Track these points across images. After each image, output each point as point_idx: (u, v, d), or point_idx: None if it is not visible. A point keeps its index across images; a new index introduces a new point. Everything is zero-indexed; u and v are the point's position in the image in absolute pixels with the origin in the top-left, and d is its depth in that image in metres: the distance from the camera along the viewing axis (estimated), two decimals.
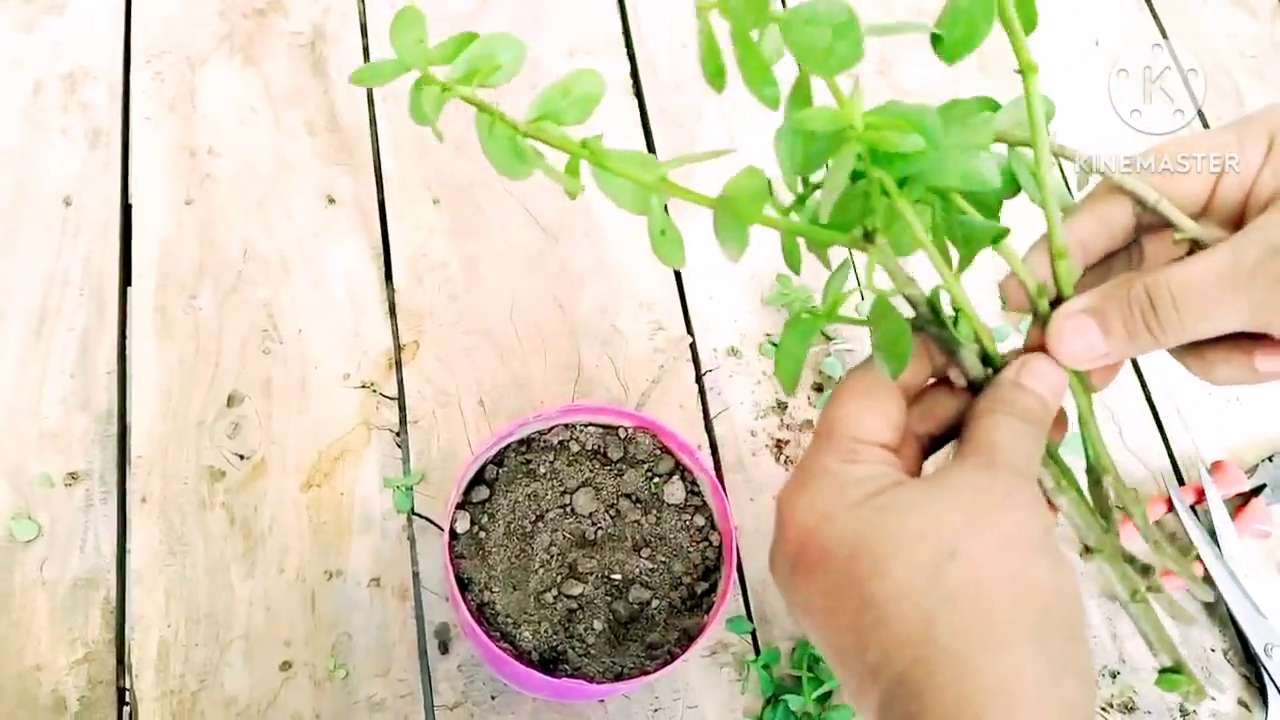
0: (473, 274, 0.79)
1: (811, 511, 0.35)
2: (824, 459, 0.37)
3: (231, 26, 0.87)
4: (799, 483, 0.37)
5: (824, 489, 0.36)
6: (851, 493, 0.35)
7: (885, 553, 0.33)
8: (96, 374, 0.72)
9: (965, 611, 0.32)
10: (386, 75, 0.38)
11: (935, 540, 0.33)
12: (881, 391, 0.38)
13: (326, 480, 0.70)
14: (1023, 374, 0.37)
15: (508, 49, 0.38)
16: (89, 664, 0.64)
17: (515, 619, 0.59)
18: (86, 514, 0.68)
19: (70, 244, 0.77)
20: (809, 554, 0.35)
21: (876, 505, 0.34)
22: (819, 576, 0.34)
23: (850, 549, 0.34)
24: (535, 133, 0.37)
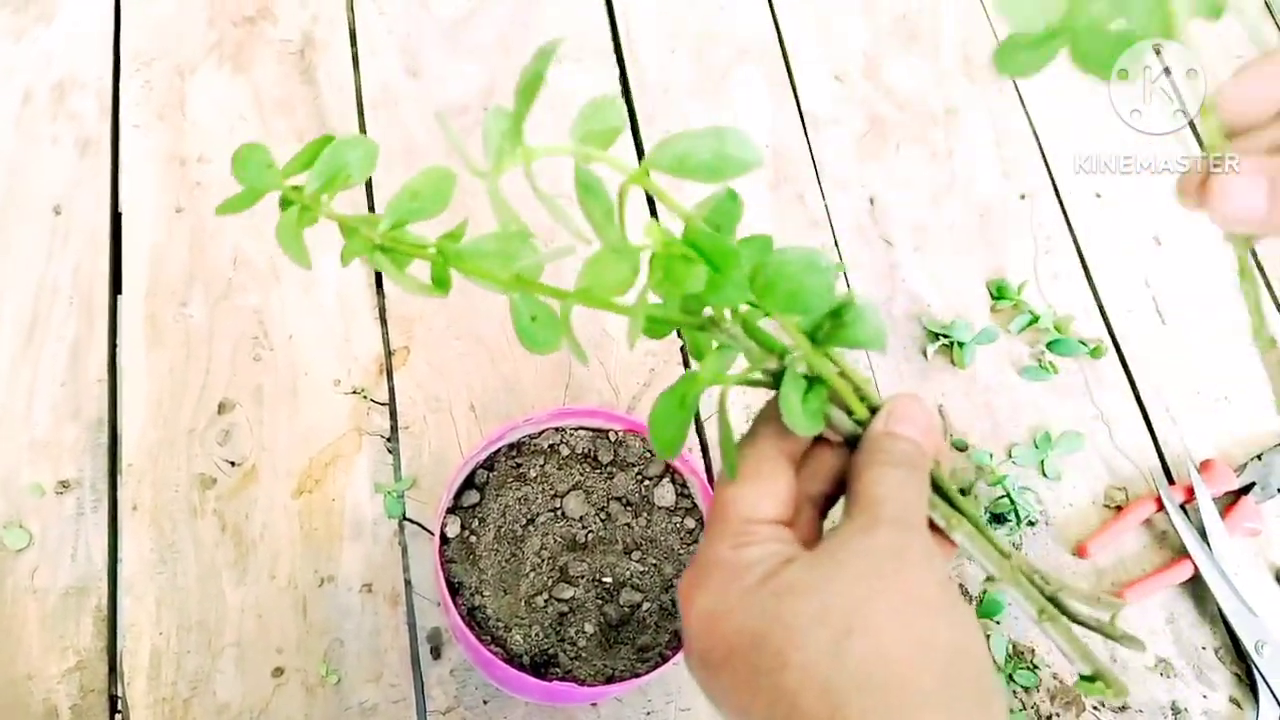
0: (462, 279, 0.79)
1: (710, 606, 0.35)
2: (717, 547, 0.36)
3: (221, 35, 0.87)
4: (695, 576, 0.36)
5: (718, 580, 0.35)
6: (746, 579, 0.34)
7: (785, 642, 0.32)
8: (87, 382, 0.72)
9: (871, 689, 0.31)
10: (244, 204, 0.38)
11: (831, 620, 0.32)
12: (768, 469, 0.37)
13: (318, 486, 0.70)
14: (890, 422, 0.37)
15: (355, 150, 0.39)
16: (81, 672, 0.64)
17: (506, 623, 0.59)
18: (78, 522, 0.68)
19: (60, 252, 0.77)
20: (714, 651, 0.34)
21: (771, 590, 0.34)
22: (726, 672, 0.34)
23: (751, 640, 0.33)
24: (390, 243, 0.37)
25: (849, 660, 0.31)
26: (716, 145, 0.34)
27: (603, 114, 0.36)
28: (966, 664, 0.32)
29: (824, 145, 0.87)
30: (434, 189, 0.38)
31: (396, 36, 0.88)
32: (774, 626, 0.33)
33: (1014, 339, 0.80)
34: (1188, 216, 0.90)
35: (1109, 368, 0.80)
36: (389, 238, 0.37)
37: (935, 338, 0.79)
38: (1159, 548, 0.74)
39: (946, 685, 0.31)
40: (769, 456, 0.37)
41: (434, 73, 0.87)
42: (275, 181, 0.38)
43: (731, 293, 0.35)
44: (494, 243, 0.37)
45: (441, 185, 0.38)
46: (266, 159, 0.38)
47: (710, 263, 0.34)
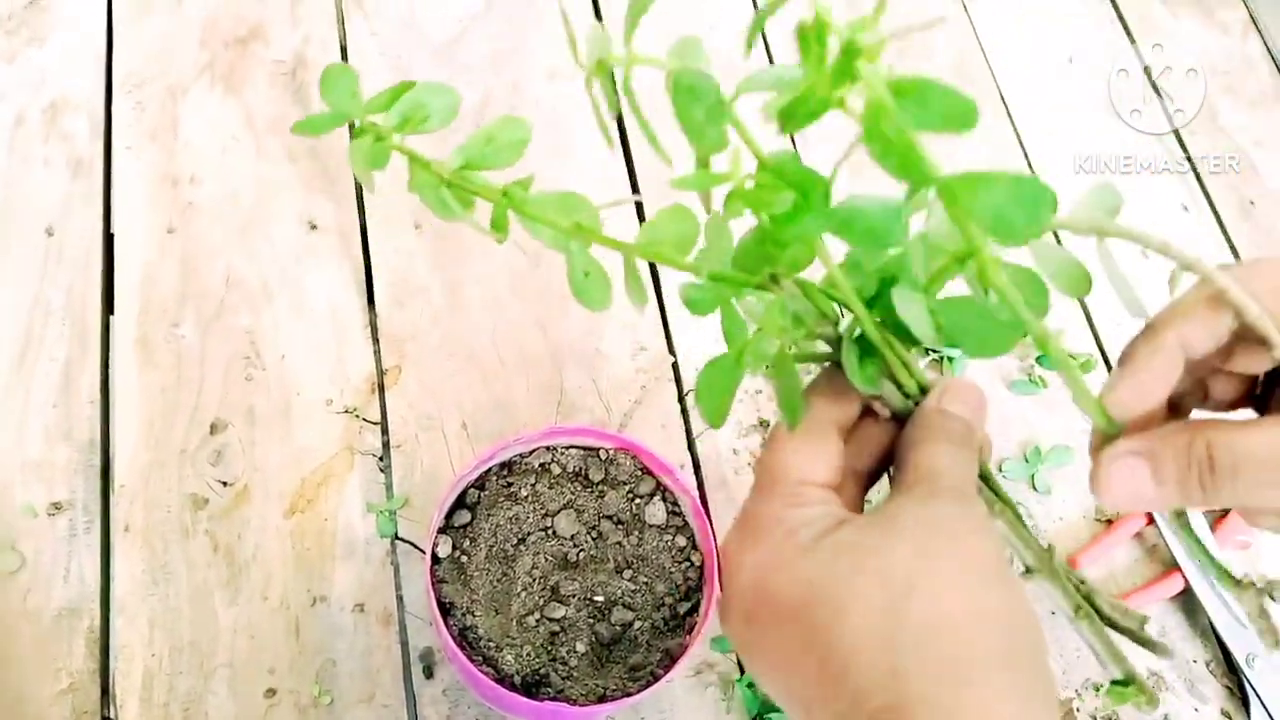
0: (455, 298, 0.79)
1: (761, 562, 0.35)
2: (768, 505, 0.36)
3: (212, 55, 0.88)
4: (744, 533, 0.36)
5: (771, 537, 0.35)
6: (800, 536, 0.34)
7: (842, 597, 0.32)
8: (79, 404, 0.73)
9: (931, 649, 0.31)
10: (324, 126, 0.38)
11: (891, 577, 0.32)
12: (819, 432, 0.37)
13: (310, 506, 0.70)
14: (944, 399, 0.37)
15: (440, 97, 0.39)
16: (73, 694, 0.64)
17: (498, 643, 0.59)
18: (70, 544, 0.68)
19: (52, 274, 0.77)
20: (763, 607, 0.34)
21: (827, 547, 0.34)
22: (775, 629, 0.34)
23: (805, 597, 0.33)
24: (458, 181, 0.37)
25: (909, 619, 0.31)
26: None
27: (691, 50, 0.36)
28: (1024, 633, 0.32)
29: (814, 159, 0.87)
30: (509, 136, 0.38)
31: (388, 57, 0.89)
32: (832, 582, 0.33)
33: None
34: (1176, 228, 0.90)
35: (1099, 381, 0.80)
36: (457, 175, 0.37)
37: (925, 352, 0.79)
38: (1150, 561, 0.74)
39: (1008, 649, 0.32)
40: (819, 422, 0.37)
41: None
42: (358, 109, 0.38)
43: (813, 223, 0.33)
44: (556, 198, 0.38)
45: (517, 134, 0.38)
46: (354, 86, 0.38)
47: (797, 188, 0.33)
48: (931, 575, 0.32)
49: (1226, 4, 1.01)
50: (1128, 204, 0.92)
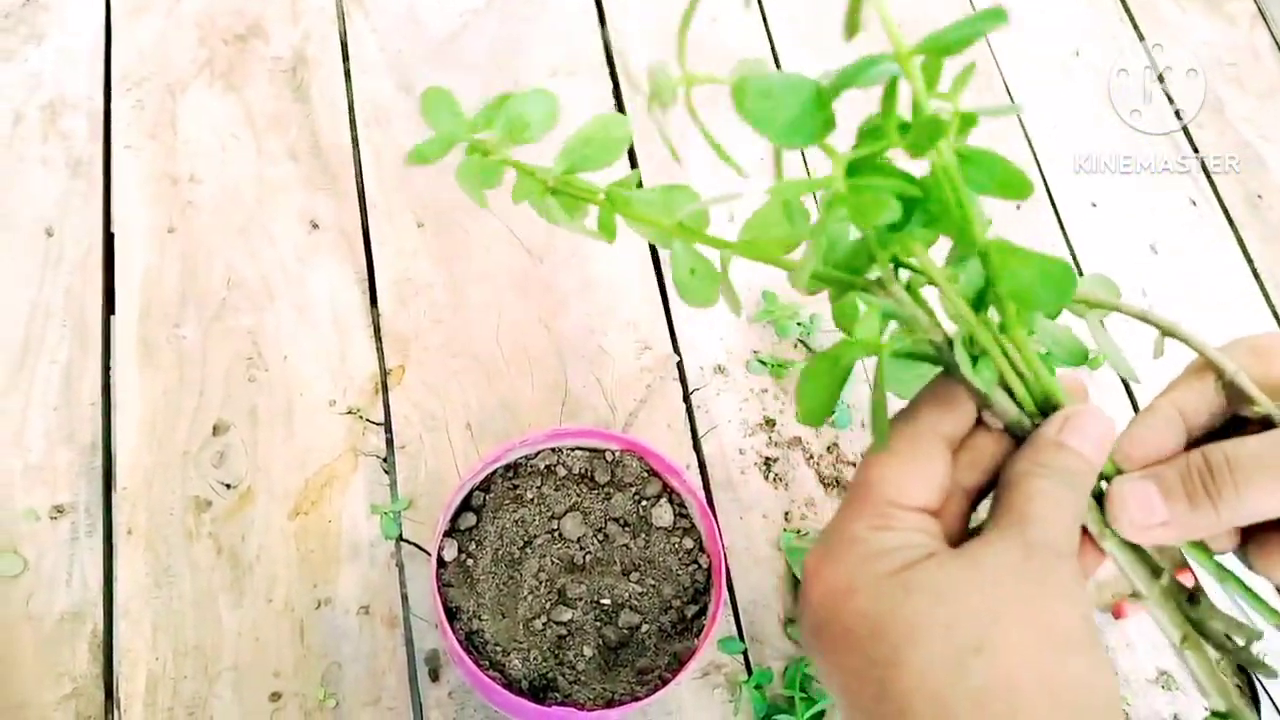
0: (458, 297, 0.78)
1: (835, 582, 0.33)
2: (854, 524, 0.34)
3: (212, 53, 0.87)
4: (825, 549, 0.35)
5: (850, 559, 0.34)
6: (879, 565, 0.33)
7: (906, 639, 0.31)
8: (80, 406, 0.72)
9: (991, 713, 0.30)
10: (436, 152, 0.37)
11: (961, 631, 0.31)
12: (925, 449, 0.35)
13: (314, 508, 0.70)
14: (1065, 431, 0.35)
15: (538, 105, 0.38)
16: (77, 699, 0.64)
17: (504, 647, 0.58)
18: (72, 547, 0.68)
19: (52, 275, 0.76)
20: (831, 627, 0.33)
21: (902, 583, 0.32)
22: (840, 652, 0.33)
23: (871, 628, 0.32)
24: (563, 187, 0.37)
25: (971, 678, 0.30)
26: None
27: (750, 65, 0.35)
28: (1092, 705, 0.31)
29: (818, 156, 0.87)
30: (606, 136, 0.37)
31: (388, 53, 0.88)
32: (898, 621, 0.32)
33: None
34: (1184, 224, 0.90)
35: (1107, 378, 0.80)
36: (561, 181, 0.37)
37: None
38: None
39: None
40: (925, 437, 0.35)
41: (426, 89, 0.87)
42: (463, 130, 0.37)
43: (917, 232, 0.33)
44: (659, 194, 0.36)
45: (614, 133, 0.37)
46: (455, 106, 0.37)
47: (899, 197, 0.32)
48: (1002, 633, 0.31)
49: (1239, 5, 1.00)
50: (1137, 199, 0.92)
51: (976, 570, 0.32)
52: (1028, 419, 0.36)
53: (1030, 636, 0.31)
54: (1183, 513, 0.34)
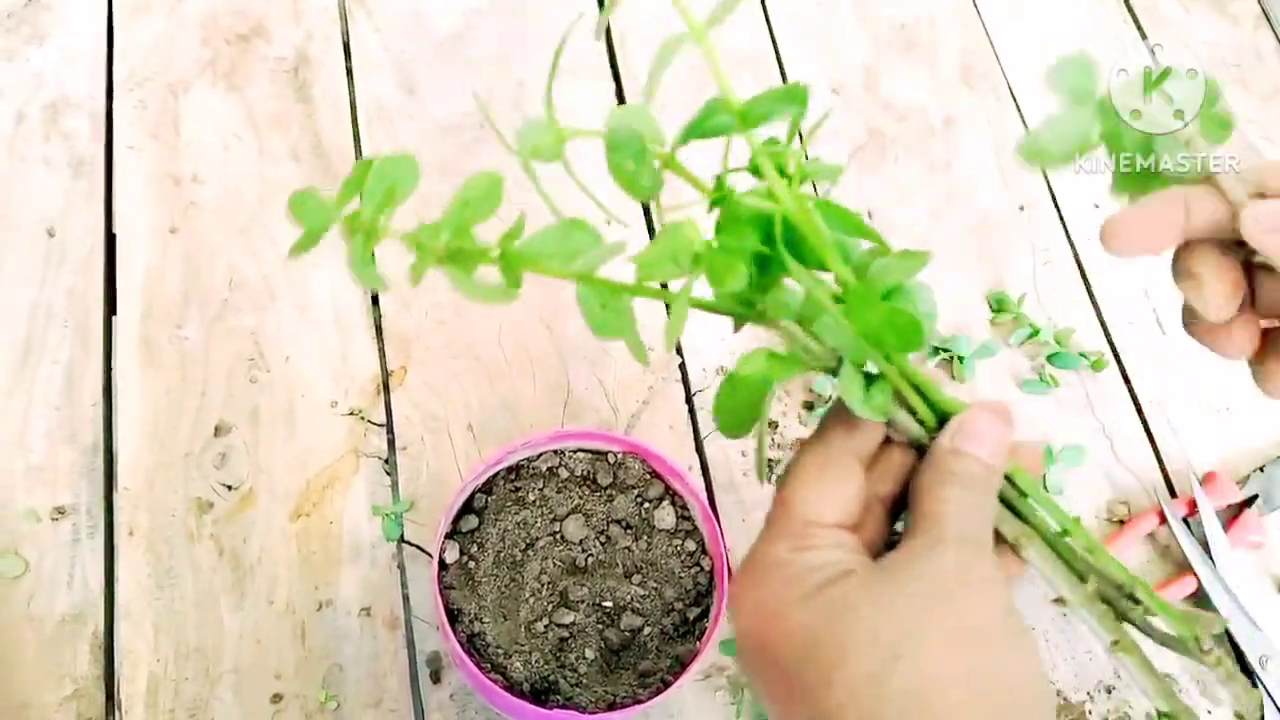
0: (460, 297, 0.78)
1: (761, 607, 0.34)
2: (774, 547, 0.35)
3: (214, 53, 0.87)
4: (749, 574, 0.35)
5: (773, 582, 0.34)
6: (801, 586, 0.33)
7: (831, 659, 0.31)
8: (82, 406, 0.72)
9: (914, 717, 0.30)
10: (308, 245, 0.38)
11: (881, 642, 0.31)
12: (837, 468, 0.36)
13: (315, 509, 0.70)
14: (957, 439, 0.35)
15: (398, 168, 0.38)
16: (78, 700, 0.64)
17: (506, 649, 0.58)
18: (74, 548, 0.68)
19: (54, 275, 0.76)
20: (762, 652, 0.34)
21: (824, 602, 0.33)
22: (771, 675, 0.33)
23: (798, 651, 0.32)
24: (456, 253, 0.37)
25: (892, 687, 0.30)
26: None
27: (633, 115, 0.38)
28: (1017, 700, 0.31)
29: (821, 158, 0.87)
30: (484, 194, 0.38)
31: (391, 53, 0.88)
32: (822, 641, 0.32)
33: (1014, 352, 0.80)
34: None
35: (1110, 380, 0.79)
36: (453, 249, 0.37)
37: (936, 352, 0.79)
38: (1162, 562, 0.74)
39: (996, 717, 0.31)
40: (836, 457, 0.36)
41: (429, 89, 0.87)
42: (333, 216, 0.38)
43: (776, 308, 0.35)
44: (554, 236, 0.37)
45: (491, 190, 0.37)
46: (319, 201, 0.38)
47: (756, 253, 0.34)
48: (921, 639, 0.31)
49: (1242, 5, 1.00)
50: None
51: (893, 580, 0.33)
52: (927, 434, 0.37)
53: (949, 637, 0.31)
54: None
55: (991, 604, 0.32)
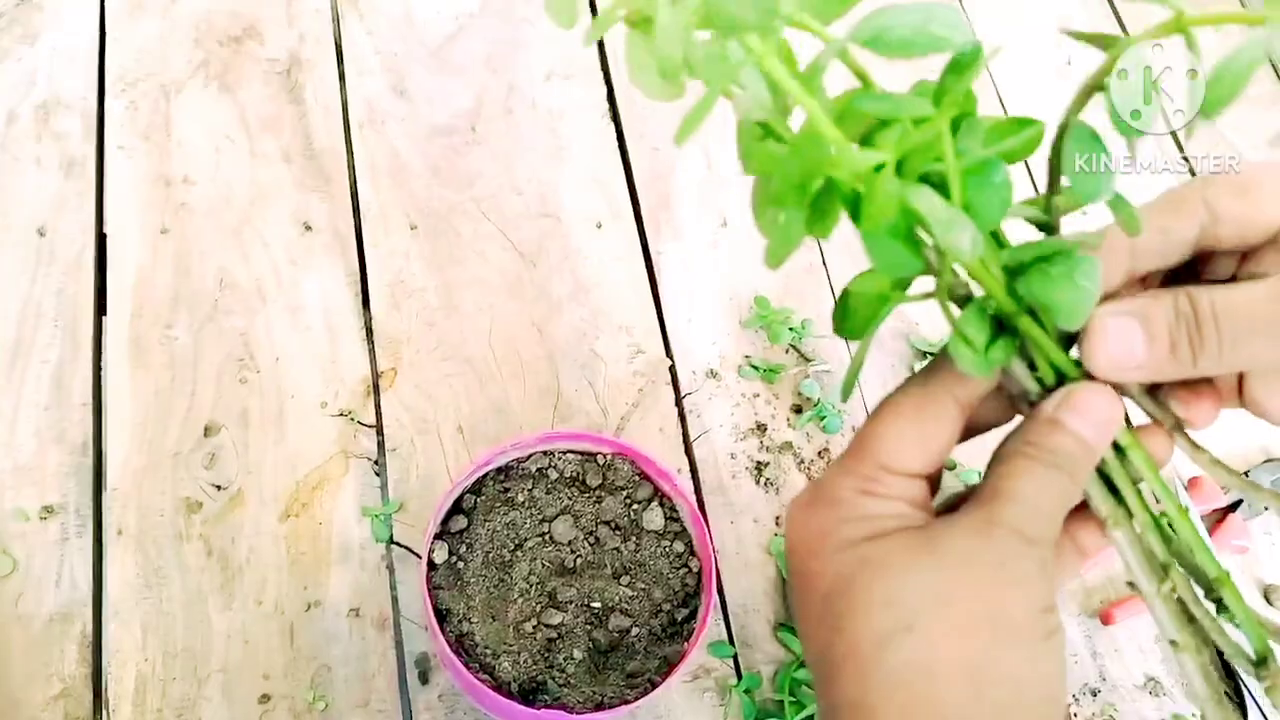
0: (450, 300, 0.79)
1: (807, 537, 0.33)
2: (839, 483, 0.34)
3: (207, 54, 0.87)
4: (810, 499, 0.34)
5: (826, 518, 0.33)
6: (847, 531, 0.32)
7: (849, 609, 0.31)
8: (71, 406, 0.72)
9: (909, 694, 0.30)
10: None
11: (898, 609, 0.30)
12: (933, 412, 0.33)
13: (304, 510, 0.70)
14: (1062, 408, 0.32)
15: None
16: (65, 699, 0.64)
17: (494, 650, 0.58)
18: (62, 547, 0.68)
19: (44, 275, 0.76)
20: (797, 576, 0.34)
21: (860, 555, 0.32)
22: (803, 596, 0.33)
23: (825, 591, 0.32)
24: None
25: (894, 657, 0.30)
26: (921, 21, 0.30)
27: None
28: (1021, 702, 0.30)
29: None
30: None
31: (383, 56, 0.88)
32: (845, 592, 0.32)
33: None
34: None
35: None
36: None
37: (923, 356, 0.79)
38: None
39: (990, 713, 0.30)
40: (936, 399, 0.34)
41: (421, 92, 0.87)
42: None
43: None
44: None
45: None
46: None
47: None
48: (940, 618, 0.30)
49: (1223, 4, 1.00)
50: None
51: (933, 551, 0.31)
52: (1040, 393, 0.34)
53: (969, 622, 0.30)
54: (1160, 358, 0.32)
55: (1025, 600, 0.31)
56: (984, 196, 0.31)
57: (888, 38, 0.30)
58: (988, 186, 0.31)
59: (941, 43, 0.30)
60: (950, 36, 0.30)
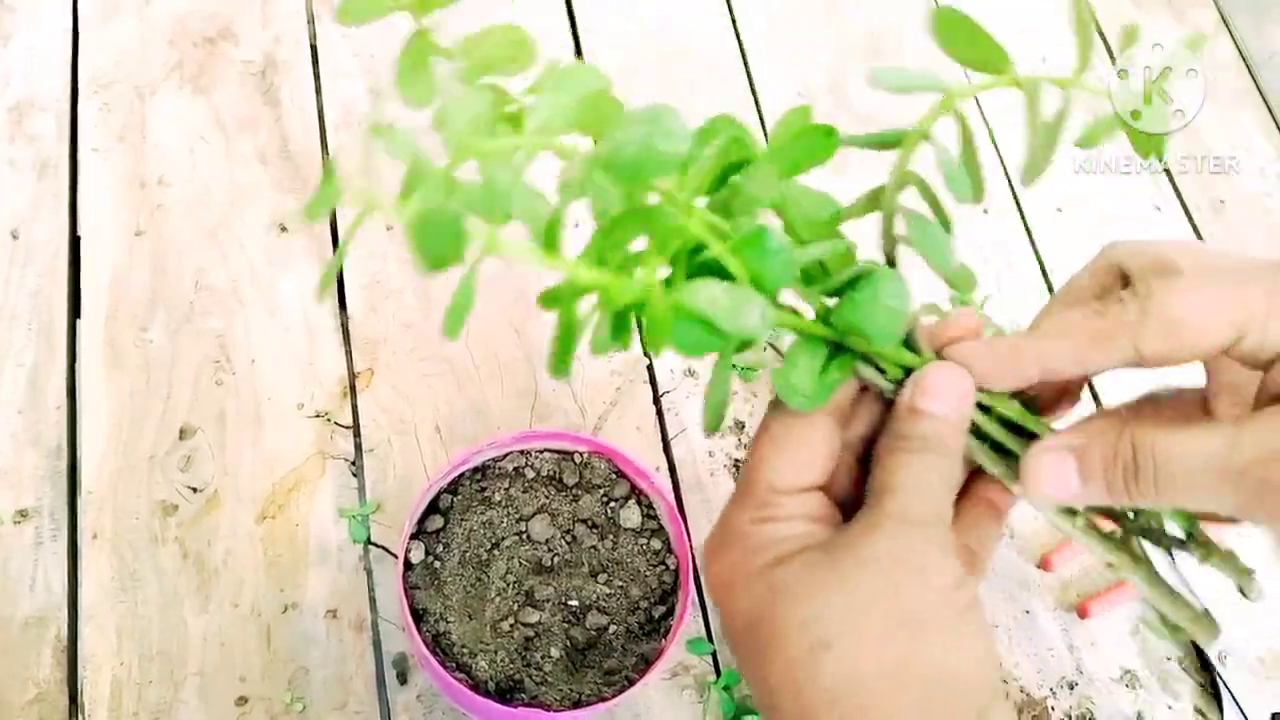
0: (427, 301, 0.78)
1: (722, 574, 0.34)
2: (737, 517, 0.34)
3: (181, 55, 0.87)
4: (715, 541, 0.35)
5: (733, 553, 0.34)
6: (754, 562, 0.33)
7: (770, 638, 0.32)
8: (46, 409, 0.72)
9: (847, 707, 0.30)
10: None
11: (817, 628, 0.31)
12: (802, 430, 0.34)
13: (281, 512, 0.70)
14: (916, 395, 0.33)
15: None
16: (40, 704, 0.63)
17: (471, 649, 0.58)
18: (36, 551, 0.67)
19: (18, 277, 0.76)
20: (723, 612, 0.34)
21: (769, 583, 0.32)
22: (730, 632, 0.34)
23: (746, 624, 0.33)
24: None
25: (822, 675, 0.31)
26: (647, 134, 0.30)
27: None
28: (950, 689, 0.31)
29: None
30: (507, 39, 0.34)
31: (360, 58, 0.88)
32: (765, 621, 0.32)
33: None
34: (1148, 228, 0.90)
35: None
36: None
37: None
38: None
39: (920, 713, 0.30)
40: (803, 416, 0.34)
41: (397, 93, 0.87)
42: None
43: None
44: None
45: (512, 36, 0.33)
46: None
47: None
48: (854, 627, 0.31)
49: (1198, 4, 1.01)
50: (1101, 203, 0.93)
51: (834, 563, 0.32)
52: (893, 387, 0.34)
53: (881, 625, 0.31)
54: (1095, 494, 0.33)
55: (930, 586, 0.31)
56: (766, 265, 0.31)
57: (620, 160, 0.30)
58: (766, 254, 0.31)
59: (664, 160, 0.30)
60: (670, 149, 0.30)
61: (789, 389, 0.33)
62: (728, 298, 0.29)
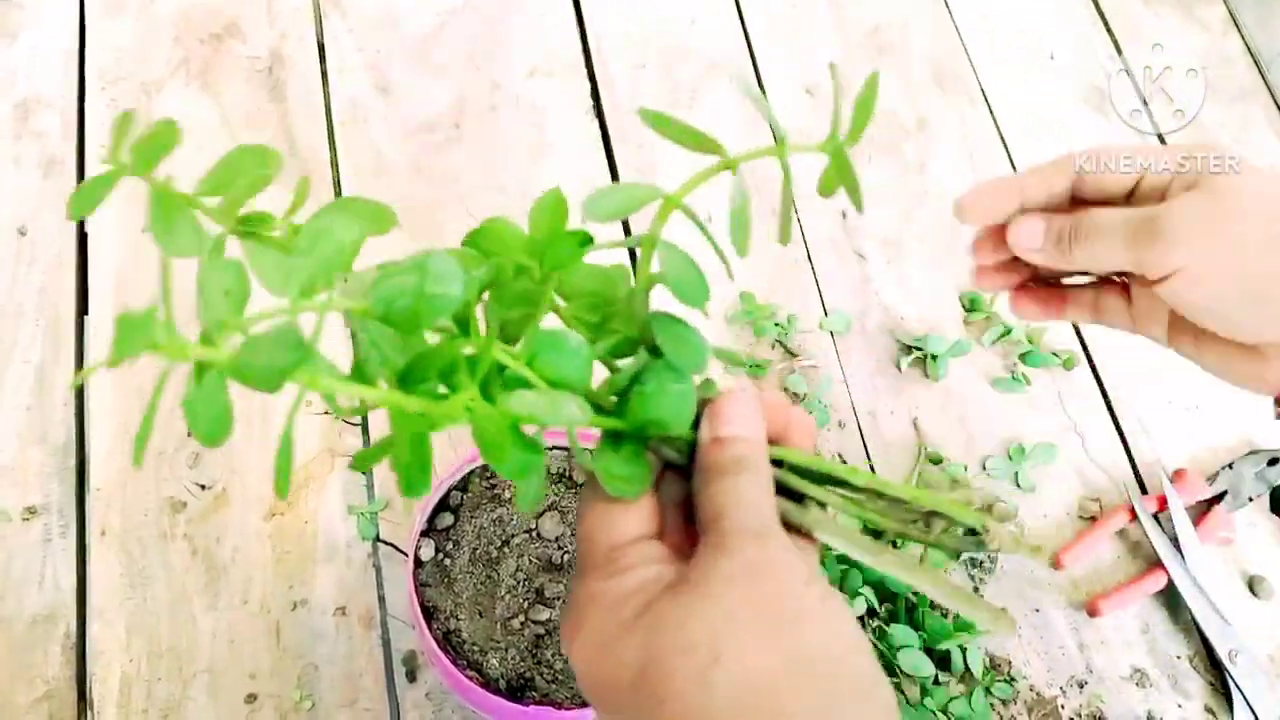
0: None
1: (590, 644, 0.34)
2: (588, 582, 0.35)
3: (188, 52, 0.86)
4: (573, 618, 0.35)
5: (594, 617, 0.34)
6: (620, 614, 0.34)
7: (659, 677, 0.32)
8: (53, 406, 0.71)
9: (743, 715, 0.31)
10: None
11: (698, 649, 0.32)
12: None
13: (290, 509, 0.70)
14: (716, 428, 0.36)
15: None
16: (49, 701, 0.63)
17: (482, 646, 0.58)
18: (45, 548, 0.67)
19: (25, 274, 0.76)
20: (601, 690, 0.34)
21: (645, 626, 0.33)
22: (615, 707, 0.34)
23: (630, 678, 0.33)
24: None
25: (718, 688, 0.31)
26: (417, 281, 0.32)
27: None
28: (838, 669, 0.32)
29: (796, 159, 0.87)
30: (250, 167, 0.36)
31: (365, 54, 0.88)
32: (648, 662, 0.32)
33: (987, 351, 0.81)
34: None
35: (1081, 379, 0.80)
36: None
37: (908, 350, 0.79)
38: (1133, 558, 0.74)
39: (820, 696, 0.31)
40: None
41: (403, 89, 0.87)
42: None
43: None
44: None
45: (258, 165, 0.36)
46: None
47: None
48: (733, 636, 0.32)
49: (1206, 2, 1.01)
50: None
51: (695, 586, 0.33)
52: (686, 449, 0.37)
53: (758, 627, 0.32)
54: (1050, 248, 0.48)
55: (789, 582, 0.33)
56: (566, 366, 0.34)
57: (395, 310, 0.32)
58: (564, 354, 0.34)
59: (440, 304, 0.32)
60: (444, 291, 0.32)
61: (613, 480, 0.35)
62: (543, 404, 0.32)
